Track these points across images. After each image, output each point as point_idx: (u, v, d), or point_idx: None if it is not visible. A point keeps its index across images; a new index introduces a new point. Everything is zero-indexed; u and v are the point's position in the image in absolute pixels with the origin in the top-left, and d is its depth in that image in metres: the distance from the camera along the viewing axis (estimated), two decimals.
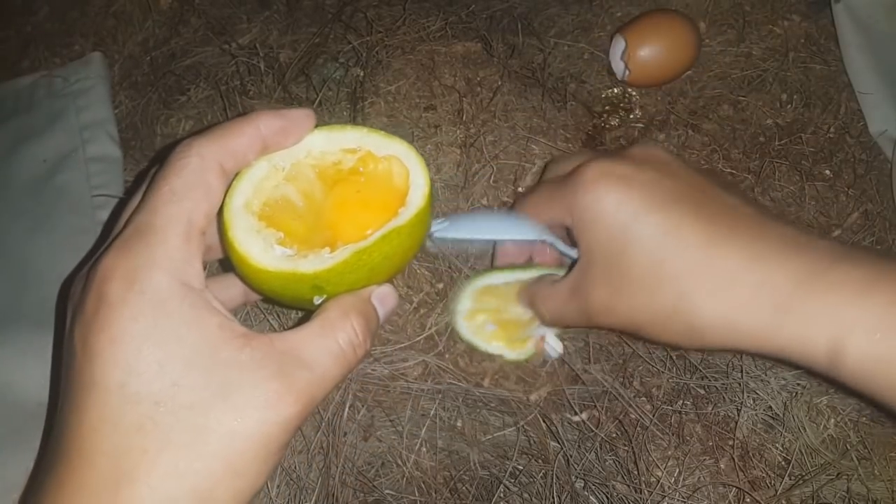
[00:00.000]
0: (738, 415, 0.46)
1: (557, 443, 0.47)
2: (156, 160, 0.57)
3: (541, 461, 0.46)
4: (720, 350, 0.41)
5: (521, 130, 0.57)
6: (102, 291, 0.27)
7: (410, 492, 0.46)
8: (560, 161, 0.45)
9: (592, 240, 0.38)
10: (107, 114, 0.61)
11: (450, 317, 0.48)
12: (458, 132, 0.57)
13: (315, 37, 0.63)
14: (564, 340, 0.48)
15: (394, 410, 0.47)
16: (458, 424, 0.47)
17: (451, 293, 0.49)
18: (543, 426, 0.47)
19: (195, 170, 0.30)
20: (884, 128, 0.56)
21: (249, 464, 0.28)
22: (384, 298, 0.35)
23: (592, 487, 0.46)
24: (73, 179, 0.58)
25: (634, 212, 0.36)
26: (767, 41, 0.61)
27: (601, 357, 0.48)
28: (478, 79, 0.59)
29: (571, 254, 0.43)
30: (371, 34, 0.62)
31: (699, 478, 0.46)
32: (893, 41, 0.59)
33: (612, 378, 0.47)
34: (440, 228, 0.45)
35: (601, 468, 0.46)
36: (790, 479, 0.45)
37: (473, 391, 0.47)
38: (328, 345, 0.30)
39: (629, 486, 0.45)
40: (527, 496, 0.46)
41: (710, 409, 0.47)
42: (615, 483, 0.45)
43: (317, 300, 0.33)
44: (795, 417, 0.46)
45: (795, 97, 0.59)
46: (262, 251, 0.31)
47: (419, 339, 0.49)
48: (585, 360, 0.48)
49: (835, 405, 0.46)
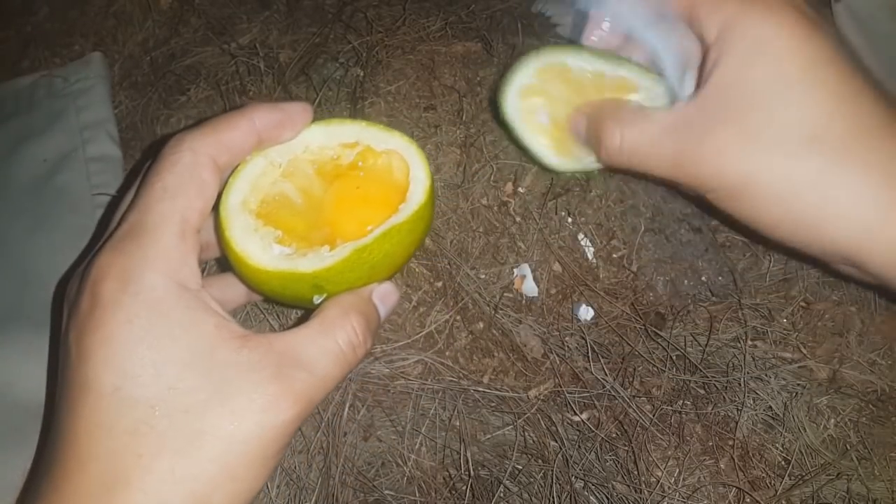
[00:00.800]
0: (739, 415, 0.46)
1: (557, 443, 0.46)
2: (148, 154, 0.57)
3: (540, 461, 0.46)
4: (822, 258, 0.33)
5: None
6: (96, 292, 0.27)
7: (410, 492, 0.46)
8: None
9: (741, 67, 0.30)
10: (107, 114, 0.61)
11: (498, 89, 0.39)
12: (458, 132, 0.57)
13: (315, 37, 0.62)
14: (567, 338, 0.48)
15: (394, 410, 0.47)
16: (458, 424, 0.47)
17: (512, 63, 0.38)
18: (543, 426, 0.47)
19: (188, 165, 0.29)
20: None
21: (247, 468, 0.27)
22: (385, 297, 0.34)
23: (592, 487, 0.46)
24: (74, 179, 0.58)
25: (815, 54, 0.29)
26: None
27: (601, 356, 0.48)
28: (478, 79, 0.59)
29: (678, 88, 0.34)
30: (371, 34, 0.62)
31: (699, 478, 0.46)
32: (894, 41, 0.59)
33: (612, 378, 0.47)
34: None
35: (601, 468, 0.46)
36: (790, 480, 0.44)
37: (473, 390, 0.47)
38: (327, 345, 0.30)
39: (629, 487, 0.45)
40: (526, 496, 0.46)
41: (711, 409, 0.47)
42: (615, 483, 0.45)
43: (317, 299, 0.32)
44: (795, 417, 0.46)
45: None
46: (261, 250, 0.30)
47: (419, 338, 0.49)
48: (585, 360, 0.48)
49: (835, 405, 0.46)
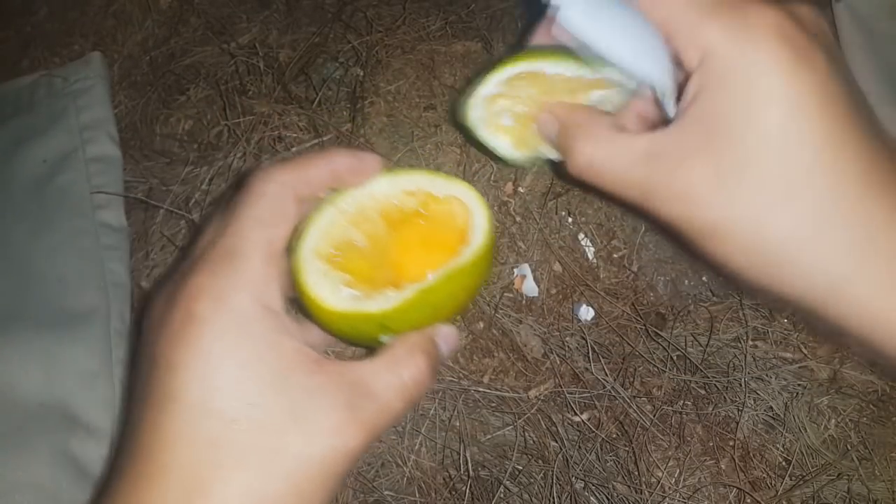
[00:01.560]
0: (739, 415, 0.46)
1: (557, 443, 0.46)
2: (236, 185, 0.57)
3: (541, 461, 0.46)
4: (790, 304, 0.32)
5: None
6: (191, 309, 0.29)
7: (410, 492, 0.46)
8: None
9: (722, 105, 0.29)
10: (107, 114, 0.61)
11: (465, 96, 0.37)
12: (458, 132, 0.57)
13: (315, 36, 0.62)
14: (568, 338, 0.48)
15: None
16: (458, 424, 0.47)
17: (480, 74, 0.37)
18: (543, 426, 0.47)
19: (275, 197, 0.31)
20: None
21: (314, 489, 0.28)
22: (447, 338, 0.35)
23: (593, 488, 0.45)
24: (74, 180, 0.58)
25: (800, 101, 0.28)
26: None
27: (602, 356, 0.48)
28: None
29: (668, 106, 0.32)
30: (371, 34, 0.62)
31: (700, 478, 0.46)
32: (894, 41, 0.59)
33: (613, 378, 0.47)
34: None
35: (601, 468, 0.46)
36: (791, 480, 0.44)
37: (473, 391, 0.47)
38: (394, 380, 0.31)
39: (629, 487, 0.45)
40: (527, 497, 0.46)
41: (711, 410, 0.47)
42: (615, 483, 0.45)
43: (383, 338, 0.34)
44: (796, 418, 0.46)
45: None
46: (331, 294, 0.32)
47: None
48: (586, 360, 0.48)
49: (835, 406, 0.46)
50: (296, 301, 0.33)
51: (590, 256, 0.52)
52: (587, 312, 0.49)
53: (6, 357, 0.50)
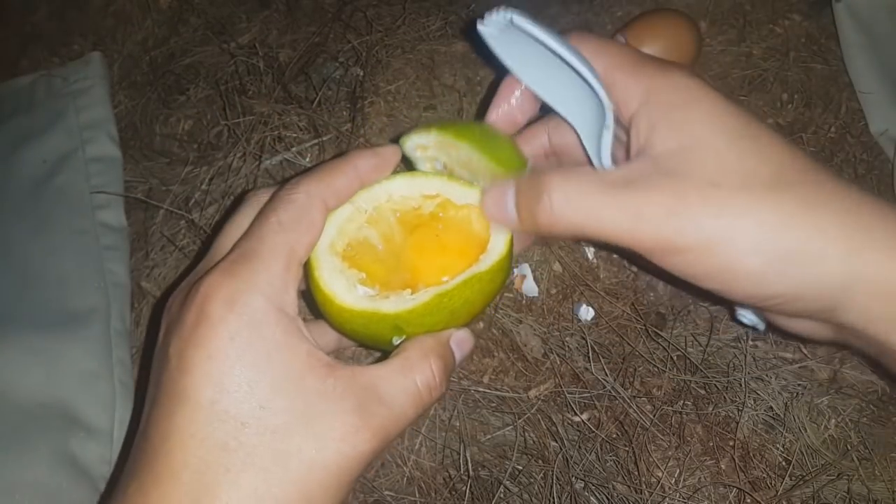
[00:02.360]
0: (739, 415, 0.46)
1: (557, 443, 0.46)
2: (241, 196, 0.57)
3: (541, 461, 0.46)
4: (786, 312, 0.33)
5: None
6: (204, 309, 0.29)
7: (410, 492, 0.46)
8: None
9: (678, 131, 0.31)
10: (107, 114, 0.61)
11: (404, 136, 0.38)
12: None
13: (315, 36, 0.62)
14: (568, 338, 0.48)
15: None
16: (458, 424, 0.47)
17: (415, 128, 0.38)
18: (543, 426, 0.47)
19: (302, 205, 0.32)
20: (884, 127, 0.56)
21: (323, 494, 0.28)
22: (462, 343, 0.35)
23: (593, 488, 0.45)
24: (73, 180, 0.58)
25: (743, 114, 0.31)
26: (768, 41, 0.61)
27: (602, 356, 0.48)
28: (478, 78, 0.59)
29: (604, 152, 0.34)
30: (371, 33, 0.62)
31: (700, 478, 0.46)
32: (894, 40, 0.59)
33: (613, 378, 0.47)
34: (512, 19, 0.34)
35: (601, 468, 0.46)
36: (791, 480, 0.44)
37: (473, 390, 0.47)
38: (406, 385, 0.31)
39: (629, 487, 0.45)
40: (527, 497, 0.46)
41: (711, 410, 0.47)
42: (615, 483, 0.45)
43: (395, 340, 0.34)
44: (796, 418, 0.46)
45: (796, 97, 0.58)
46: (346, 291, 0.32)
47: None
48: (586, 360, 0.48)
49: (836, 405, 0.46)
50: (306, 296, 0.33)
51: (590, 256, 0.52)
52: (587, 312, 0.49)
53: (6, 357, 0.50)
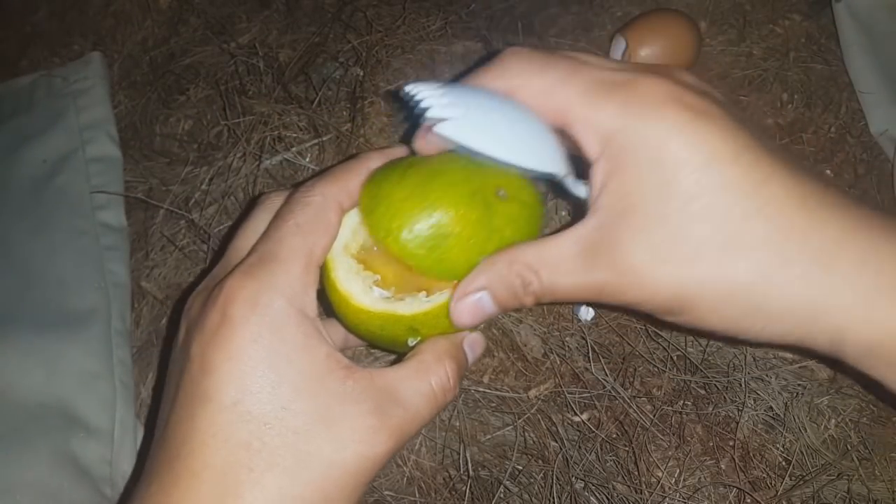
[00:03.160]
0: (739, 415, 0.46)
1: (557, 443, 0.46)
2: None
3: (541, 461, 0.46)
4: (778, 345, 0.32)
5: None
6: (227, 311, 0.29)
7: (410, 492, 0.46)
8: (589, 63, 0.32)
9: (636, 182, 0.28)
10: (107, 114, 0.61)
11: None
12: None
13: (315, 36, 0.62)
14: (568, 338, 0.48)
15: None
16: (458, 424, 0.47)
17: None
18: (543, 426, 0.47)
19: (319, 207, 0.32)
20: (885, 127, 0.56)
21: (340, 494, 0.29)
22: (474, 345, 0.36)
23: (593, 488, 0.46)
24: (74, 180, 0.58)
25: (712, 155, 0.28)
26: (768, 41, 0.61)
27: (602, 356, 0.48)
28: None
29: (579, 192, 0.32)
30: (371, 33, 0.61)
31: (700, 478, 0.46)
32: (894, 40, 0.59)
33: (613, 378, 0.47)
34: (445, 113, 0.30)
35: (601, 468, 0.46)
36: (791, 480, 0.44)
37: (473, 390, 0.47)
38: (422, 386, 0.32)
39: (629, 487, 0.45)
40: (527, 497, 0.46)
41: (711, 410, 0.47)
42: (615, 483, 0.45)
43: (410, 342, 0.34)
44: (796, 418, 0.46)
45: (796, 97, 0.58)
46: (362, 292, 0.33)
47: None
48: (586, 360, 0.48)
49: (836, 405, 0.46)
50: (320, 296, 0.33)
51: None
52: (587, 312, 0.49)
53: (6, 357, 0.50)
